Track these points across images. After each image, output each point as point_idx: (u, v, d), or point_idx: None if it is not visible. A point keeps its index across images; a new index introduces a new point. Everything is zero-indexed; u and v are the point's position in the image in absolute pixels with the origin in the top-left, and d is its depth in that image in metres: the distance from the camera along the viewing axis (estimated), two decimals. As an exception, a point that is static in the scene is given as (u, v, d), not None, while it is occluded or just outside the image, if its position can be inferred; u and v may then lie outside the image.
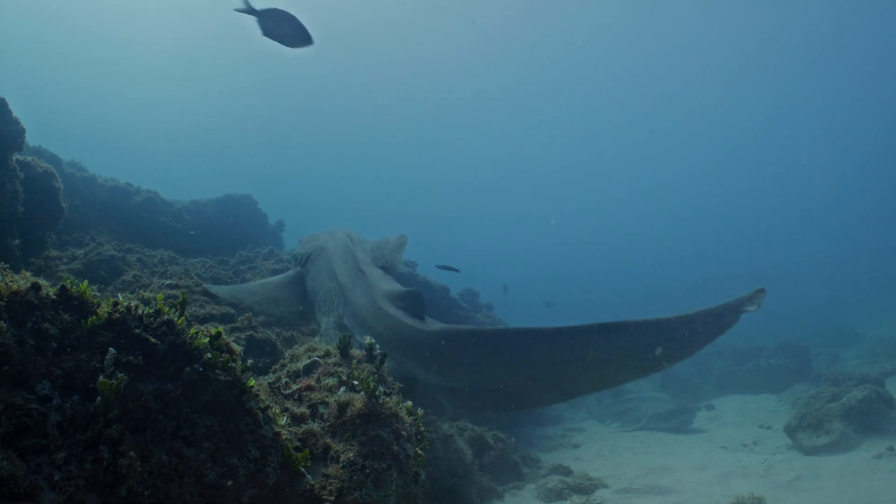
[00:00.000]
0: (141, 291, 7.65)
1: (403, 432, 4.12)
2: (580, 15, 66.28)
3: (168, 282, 8.58)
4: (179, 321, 3.49)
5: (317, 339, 8.49)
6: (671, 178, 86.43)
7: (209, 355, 3.45)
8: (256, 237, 17.74)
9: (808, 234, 74.36)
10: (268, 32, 7.32)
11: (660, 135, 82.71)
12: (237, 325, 7.66)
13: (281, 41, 7.34)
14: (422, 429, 4.63)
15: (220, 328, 3.71)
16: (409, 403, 4.60)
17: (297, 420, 4.23)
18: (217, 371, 3.47)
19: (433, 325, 7.62)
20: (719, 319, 5.94)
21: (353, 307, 8.61)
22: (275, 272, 12.51)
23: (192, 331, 3.50)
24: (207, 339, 3.53)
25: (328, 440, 4.03)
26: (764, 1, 59.85)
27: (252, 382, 3.74)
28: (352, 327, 8.42)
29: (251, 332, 7.41)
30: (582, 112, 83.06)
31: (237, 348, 3.77)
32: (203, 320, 7.67)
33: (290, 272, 10.79)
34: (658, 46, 69.25)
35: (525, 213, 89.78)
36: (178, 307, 3.75)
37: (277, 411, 3.93)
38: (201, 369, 3.41)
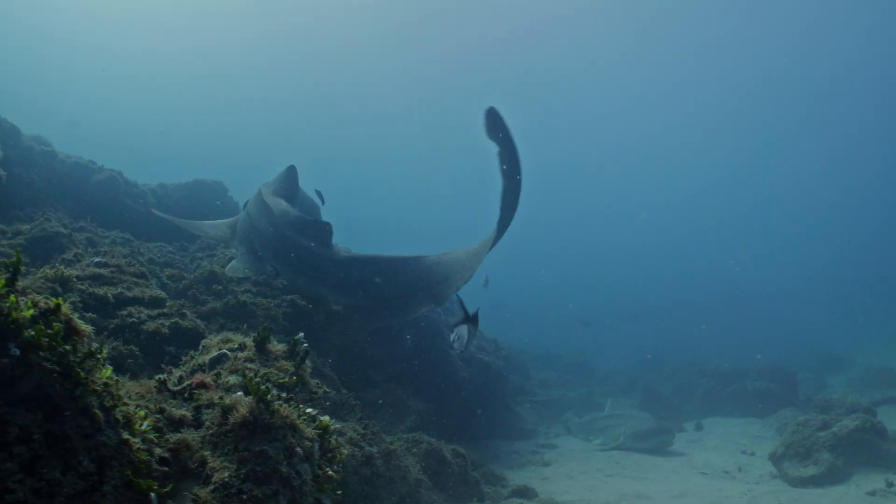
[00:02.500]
0: (60, 266, 6.80)
1: (299, 449, 3.22)
2: (587, 38, 66.12)
3: (97, 259, 7.70)
4: (-6, 285, 2.60)
5: (230, 263, 10.11)
6: (665, 204, 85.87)
7: (31, 333, 2.57)
8: (227, 226, 16.89)
9: (797, 259, 73.85)
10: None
11: (655, 160, 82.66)
12: (164, 310, 6.78)
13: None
14: (333, 444, 3.74)
15: (60, 300, 2.82)
16: (327, 418, 3.72)
17: (174, 425, 3.35)
18: (42, 354, 2.59)
19: (340, 252, 9.66)
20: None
21: (262, 236, 10.02)
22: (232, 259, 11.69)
23: (13, 299, 2.60)
24: (31, 311, 2.64)
25: (206, 453, 3.15)
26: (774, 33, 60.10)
27: (107, 373, 2.86)
28: (264, 256, 10.02)
29: (177, 318, 6.55)
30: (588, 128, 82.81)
31: (85, 328, 2.88)
32: (127, 303, 6.79)
33: (233, 218, 12.41)
34: (665, 71, 69.10)
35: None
36: (9, 269, 2.84)
37: (142, 414, 3.04)
38: (18, 352, 2.53)
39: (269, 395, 3.21)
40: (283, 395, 3.51)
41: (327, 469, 3.49)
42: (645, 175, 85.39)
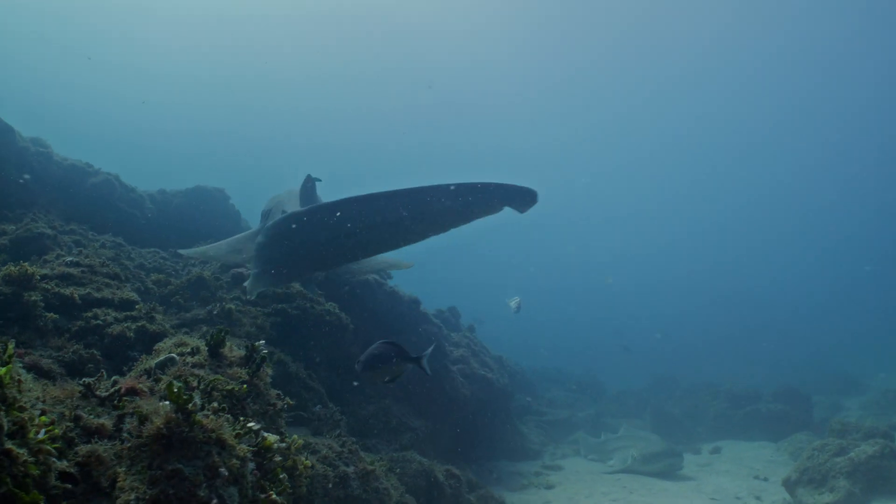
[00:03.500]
0: (25, 264, 6.35)
1: (224, 470, 2.70)
2: (595, 80, 66.42)
3: (69, 258, 7.27)
4: None
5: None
6: (679, 232, 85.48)
7: None
8: (227, 234, 16.38)
9: (811, 282, 73.21)
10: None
11: (672, 192, 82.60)
12: (132, 313, 6.33)
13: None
14: (279, 460, 3.23)
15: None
16: (272, 437, 3.20)
17: (88, 435, 2.87)
18: None
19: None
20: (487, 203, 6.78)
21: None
22: (223, 266, 11.25)
23: None
24: None
25: (121, 470, 2.66)
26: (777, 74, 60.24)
27: (3, 372, 2.40)
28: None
29: (145, 322, 6.09)
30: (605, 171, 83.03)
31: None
32: (94, 305, 6.35)
33: (254, 228, 11.50)
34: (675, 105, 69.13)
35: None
36: None
37: (44, 420, 2.56)
38: None
39: (191, 404, 2.70)
40: (215, 405, 3.00)
41: (270, 493, 2.98)
42: (661, 202, 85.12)
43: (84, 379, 3.35)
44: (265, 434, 3.17)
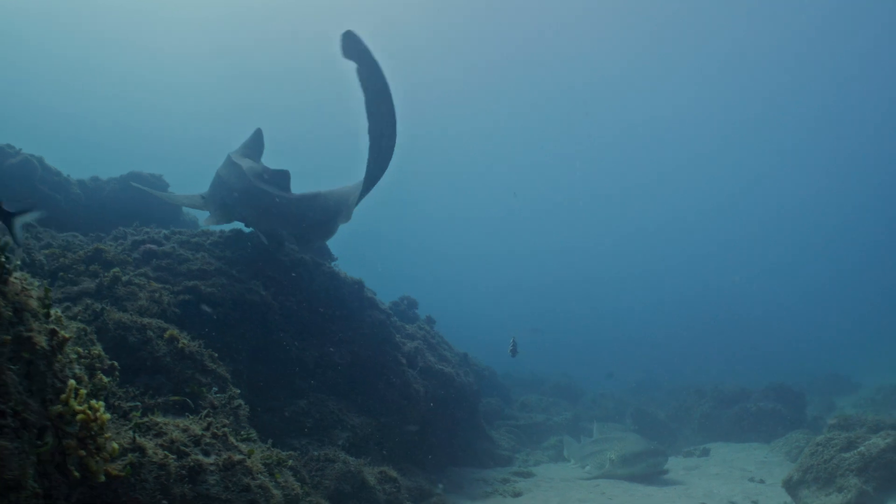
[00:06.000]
0: None
1: None
2: (580, 64, 65.75)
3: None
4: None
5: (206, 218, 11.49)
6: (660, 224, 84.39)
7: None
8: (165, 222, 14.79)
9: (798, 279, 72.31)
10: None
11: (654, 182, 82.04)
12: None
13: None
14: None
15: None
16: None
17: None
18: None
19: (293, 193, 11.07)
20: None
21: (232, 189, 11.24)
22: (134, 243, 9.74)
23: None
24: None
25: None
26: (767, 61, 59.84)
27: None
28: (233, 206, 11.19)
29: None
30: (573, 155, 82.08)
31: None
32: None
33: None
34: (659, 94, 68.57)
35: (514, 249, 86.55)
36: None
37: None
38: None
39: None
40: None
41: None
42: (641, 193, 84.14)
43: None
44: None
